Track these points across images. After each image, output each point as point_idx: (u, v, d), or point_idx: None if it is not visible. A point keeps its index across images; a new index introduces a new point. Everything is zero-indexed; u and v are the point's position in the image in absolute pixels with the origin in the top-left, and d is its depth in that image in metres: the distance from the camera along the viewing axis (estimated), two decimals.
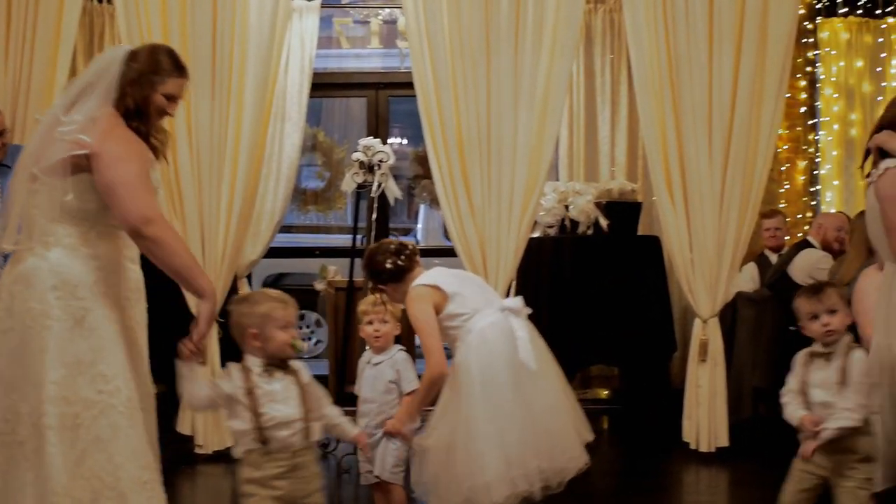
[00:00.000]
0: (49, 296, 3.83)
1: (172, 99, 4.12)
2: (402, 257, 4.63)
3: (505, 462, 4.24)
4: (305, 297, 11.60)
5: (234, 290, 7.78)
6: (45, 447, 3.74)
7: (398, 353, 5.01)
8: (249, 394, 3.85)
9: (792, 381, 4.52)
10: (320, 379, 7.86)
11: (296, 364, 4.04)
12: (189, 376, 3.90)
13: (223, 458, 6.98)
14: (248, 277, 8.92)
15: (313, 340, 12.10)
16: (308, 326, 12.08)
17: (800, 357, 4.53)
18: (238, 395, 3.85)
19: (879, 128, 4.65)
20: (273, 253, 9.14)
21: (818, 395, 4.39)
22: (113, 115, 3.95)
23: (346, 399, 6.88)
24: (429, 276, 4.56)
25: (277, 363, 3.94)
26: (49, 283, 3.84)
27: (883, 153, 4.54)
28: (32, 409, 3.76)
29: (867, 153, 4.69)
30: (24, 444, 3.76)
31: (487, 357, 4.38)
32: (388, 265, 4.62)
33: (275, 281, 12.11)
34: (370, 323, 5.00)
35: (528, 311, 4.69)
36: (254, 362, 3.90)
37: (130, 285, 4.06)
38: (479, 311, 4.50)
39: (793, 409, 4.44)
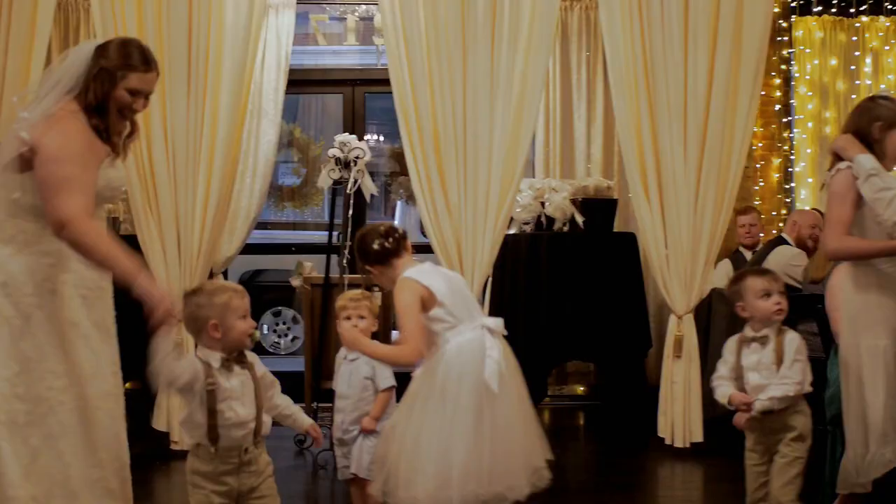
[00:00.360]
0: None
1: (138, 94, 4.05)
2: (390, 240, 4.58)
3: (443, 482, 4.19)
4: (281, 293, 11.65)
5: None
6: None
7: None
8: (209, 391, 3.78)
9: (722, 368, 4.62)
10: (297, 375, 7.93)
11: (251, 356, 3.99)
12: (163, 351, 3.76)
13: None
14: (225, 274, 8.92)
15: (289, 337, 12.09)
16: (284, 323, 12.08)
17: (731, 344, 4.63)
18: (196, 389, 3.79)
19: (842, 132, 4.88)
20: (249, 249, 9.14)
21: (754, 378, 4.51)
22: (69, 111, 3.90)
23: (322, 395, 6.90)
24: (423, 273, 4.51)
25: (234, 356, 3.88)
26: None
27: (839, 157, 4.75)
28: None
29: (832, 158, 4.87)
30: None
31: (457, 374, 4.33)
32: (376, 246, 4.57)
33: (251, 277, 12.11)
34: (348, 318, 5.00)
35: (505, 332, 4.69)
36: (212, 356, 3.84)
37: (87, 283, 3.99)
38: (461, 323, 4.48)
39: (723, 390, 4.54)
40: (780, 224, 9.26)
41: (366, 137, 9.62)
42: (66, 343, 3.85)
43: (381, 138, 15.11)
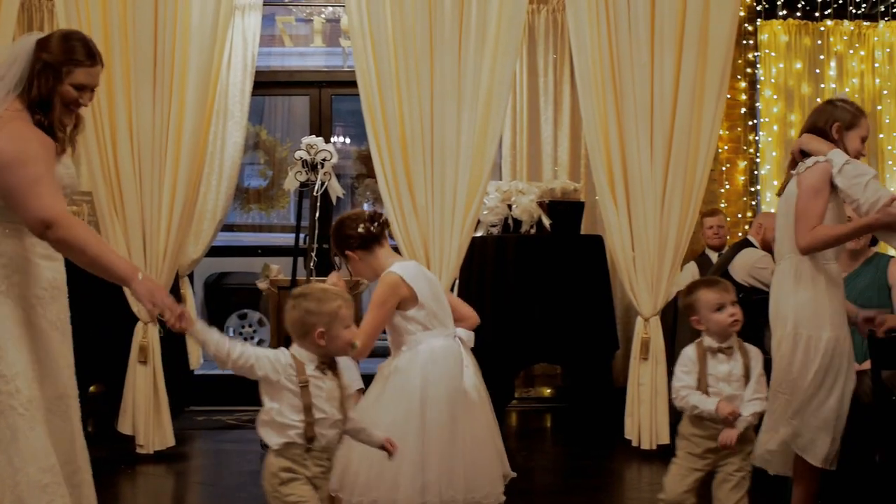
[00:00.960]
0: None
1: (83, 89, 3.96)
2: (375, 224, 4.54)
3: (420, 487, 4.19)
4: (247, 296, 11.58)
5: (175, 288, 7.75)
6: None
7: None
8: (304, 388, 3.68)
9: (687, 378, 4.52)
10: None
11: (343, 364, 3.93)
12: (204, 336, 3.70)
13: (164, 458, 6.95)
14: (190, 276, 8.89)
15: (255, 340, 12.03)
16: (250, 325, 12.01)
17: (693, 353, 4.57)
18: (289, 386, 3.67)
19: (802, 133, 4.98)
20: (215, 252, 9.11)
21: (725, 389, 4.45)
22: (15, 110, 3.82)
23: None
24: (410, 272, 4.48)
25: (329, 362, 3.78)
26: None
27: (806, 154, 4.86)
28: None
29: (793, 159, 4.98)
30: None
31: (435, 379, 4.32)
32: (360, 229, 4.52)
33: (216, 280, 12.04)
34: None
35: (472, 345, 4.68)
36: (308, 357, 3.73)
37: (42, 284, 3.90)
38: (435, 329, 4.46)
39: (703, 399, 4.45)
40: (746, 227, 9.31)
41: (332, 139, 9.59)
42: (18, 346, 3.76)
43: (348, 140, 15.07)
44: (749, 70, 9.56)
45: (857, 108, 4.94)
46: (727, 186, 9.48)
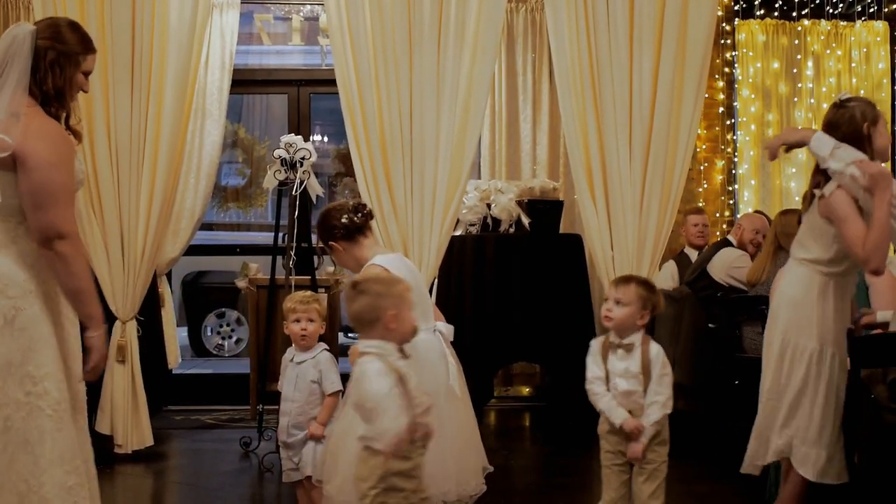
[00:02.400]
0: None
1: (88, 75, 3.97)
2: (359, 216, 4.55)
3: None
4: (225, 294, 11.56)
5: (154, 288, 7.72)
6: None
7: (322, 354, 5.00)
8: (402, 383, 3.62)
9: (597, 369, 4.56)
10: (243, 377, 7.87)
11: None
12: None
13: (142, 457, 6.92)
14: (168, 275, 8.86)
15: (233, 339, 12.01)
16: (228, 324, 11.99)
17: (597, 345, 4.61)
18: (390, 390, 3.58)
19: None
20: (193, 250, 9.08)
21: (622, 385, 4.49)
22: (32, 107, 3.77)
23: (268, 397, 6.86)
24: (393, 264, 4.46)
25: (401, 348, 3.75)
26: None
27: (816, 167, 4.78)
28: None
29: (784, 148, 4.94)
30: None
31: (420, 373, 4.32)
32: (344, 220, 4.53)
33: (194, 279, 12.01)
34: (297, 321, 4.98)
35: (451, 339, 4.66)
36: (388, 349, 3.69)
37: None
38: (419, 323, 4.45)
39: (611, 408, 4.47)
40: (724, 226, 9.36)
41: (311, 138, 9.57)
42: (48, 346, 3.76)
43: (326, 139, 15.05)
44: (727, 69, 9.59)
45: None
46: (705, 186, 9.51)
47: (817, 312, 4.75)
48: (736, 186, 9.65)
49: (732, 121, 9.65)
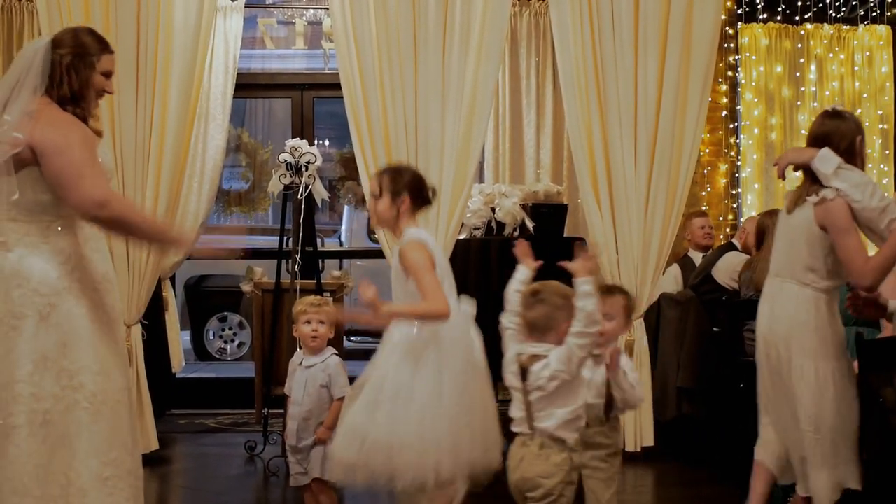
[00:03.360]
0: (13, 294, 3.81)
1: (109, 76, 4.08)
2: (427, 192, 4.53)
3: (453, 454, 4.14)
4: (227, 298, 11.57)
5: (157, 292, 7.71)
6: (9, 448, 3.71)
7: (331, 358, 5.01)
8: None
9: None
10: (247, 381, 7.86)
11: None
12: None
13: (147, 461, 6.86)
14: (172, 279, 8.86)
15: (236, 342, 12.01)
16: (230, 328, 11.98)
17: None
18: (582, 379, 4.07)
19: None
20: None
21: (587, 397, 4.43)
22: (46, 104, 3.90)
23: (273, 402, 6.85)
24: (431, 242, 4.45)
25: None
26: (13, 282, 3.82)
27: (813, 176, 4.73)
28: (1, 409, 3.73)
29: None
30: None
31: (451, 349, 4.30)
32: (429, 192, 4.53)
33: (197, 283, 12.01)
34: (308, 322, 4.99)
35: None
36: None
37: (97, 277, 3.99)
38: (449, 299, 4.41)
39: None
40: (728, 229, 9.35)
41: (314, 142, 9.56)
42: (83, 340, 3.86)
43: (327, 143, 15.05)
44: (730, 73, 9.59)
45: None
46: (709, 189, 9.51)
47: (830, 332, 4.73)
48: (739, 190, 9.65)
49: (735, 124, 9.65)
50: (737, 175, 9.66)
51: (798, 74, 9.76)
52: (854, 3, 9.68)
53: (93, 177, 3.81)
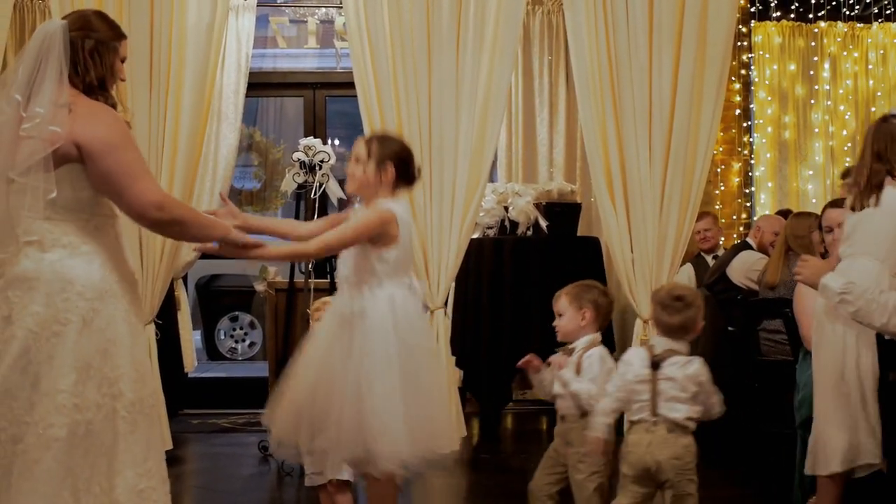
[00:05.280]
0: (56, 299, 3.63)
1: (123, 61, 3.93)
2: (413, 169, 4.41)
3: (404, 439, 4.03)
4: (238, 298, 11.55)
5: (170, 291, 7.70)
6: (47, 460, 3.56)
7: None
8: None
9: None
10: (259, 381, 7.84)
11: None
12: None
13: None
14: (183, 278, 8.85)
15: (247, 342, 11.99)
16: (241, 328, 11.97)
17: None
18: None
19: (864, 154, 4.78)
20: (208, 254, 9.04)
21: (556, 388, 4.64)
22: (77, 95, 3.72)
23: None
24: (403, 215, 4.30)
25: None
26: (55, 286, 3.64)
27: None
28: (40, 419, 3.57)
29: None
30: (26, 453, 3.57)
31: (406, 328, 4.17)
32: (414, 171, 4.41)
33: (208, 282, 11.99)
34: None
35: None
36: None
37: (130, 279, 3.87)
38: (399, 278, 4.27)
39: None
40: (741, 228, 9.33)
41: (327, 141, 9.56)
42: (123, 347, 3.72)
43: (338, 142, 15.05)
44: (743, 71, 9.57)
45: None
46: (722, 188, 9.49)
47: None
48: (752, 189, 9.63)
49: (749, 123, 9.63)
50: (750, 174, 9.64)
51: (812, 73, 9.75)
52: (868, 0, 9.65)
53: (146, 177, 3.69)
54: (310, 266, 6.91)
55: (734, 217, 9.44)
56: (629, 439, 4.28)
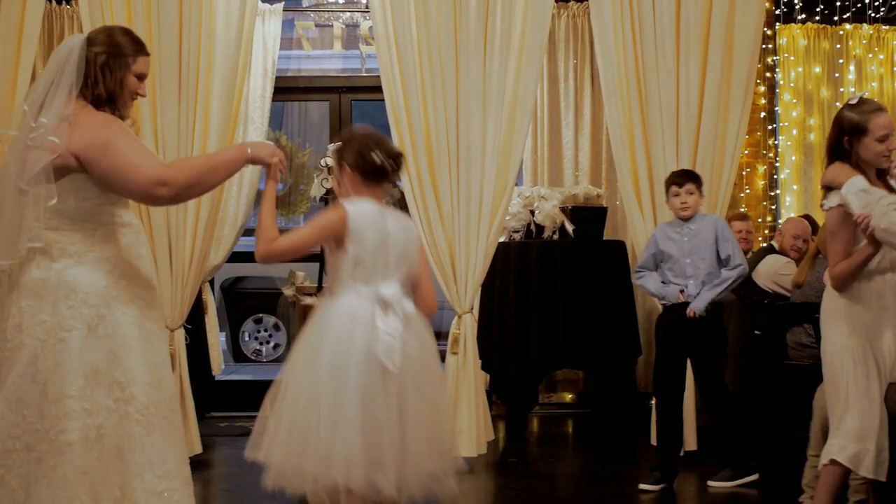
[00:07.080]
0: (61, 306, 3.73)
1: (142, 78, 3.99)
2: (391, 161, 4.03)
3: (336, 460, 3.75)
4: (262, 300, 11.57)
5: (198, 295, 7.74)
6: (63, 465, 3.64)
7: None
8: None
9: None
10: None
11: None
12: None
13: (190, 465, 6.89)
14: (211, 282, 8.88)
15: (271, 344, 12.02)
16: (266, 330, 12.00)
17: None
18: None
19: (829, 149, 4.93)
20: (233, 257, 9.08)
21: None
22: (82, 107, 3.82)
23: None
24: (360, 213, 3.95)
25: None
26: (60, 294, 3.74)
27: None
28: (51, 425, 3.66)
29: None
30: (42, 460, 3.65)
31: (345, 342, 3.83)
32: (376, 157, 3.98)
33: (232, 284, 12.03)
34: None
35: (411, 309, 4.01)
36: None
37: (142, 284, 3.92)
38: (357, 285, 3.93)
39: None
40: (766, 231, 9.31)
41: None
42: (132, 351, 3.79)
43: None
44: (768, 74, 9.56)
45: (867, 106, 4.78)
46: (747, 191, 9.48)
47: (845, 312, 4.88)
48: (778, 192, 9.62)
49: (774, 126, 9.62)
50: (775, 177, 9.63)
51: (837, 75, 9.73)
52: (893, 2, 9.62)
53: (142, 161, 3.73)
54: None
55: (759, 220, 9.43)
56: None
